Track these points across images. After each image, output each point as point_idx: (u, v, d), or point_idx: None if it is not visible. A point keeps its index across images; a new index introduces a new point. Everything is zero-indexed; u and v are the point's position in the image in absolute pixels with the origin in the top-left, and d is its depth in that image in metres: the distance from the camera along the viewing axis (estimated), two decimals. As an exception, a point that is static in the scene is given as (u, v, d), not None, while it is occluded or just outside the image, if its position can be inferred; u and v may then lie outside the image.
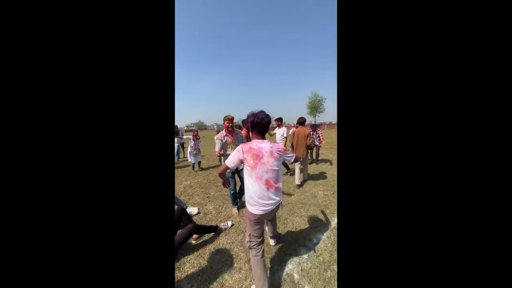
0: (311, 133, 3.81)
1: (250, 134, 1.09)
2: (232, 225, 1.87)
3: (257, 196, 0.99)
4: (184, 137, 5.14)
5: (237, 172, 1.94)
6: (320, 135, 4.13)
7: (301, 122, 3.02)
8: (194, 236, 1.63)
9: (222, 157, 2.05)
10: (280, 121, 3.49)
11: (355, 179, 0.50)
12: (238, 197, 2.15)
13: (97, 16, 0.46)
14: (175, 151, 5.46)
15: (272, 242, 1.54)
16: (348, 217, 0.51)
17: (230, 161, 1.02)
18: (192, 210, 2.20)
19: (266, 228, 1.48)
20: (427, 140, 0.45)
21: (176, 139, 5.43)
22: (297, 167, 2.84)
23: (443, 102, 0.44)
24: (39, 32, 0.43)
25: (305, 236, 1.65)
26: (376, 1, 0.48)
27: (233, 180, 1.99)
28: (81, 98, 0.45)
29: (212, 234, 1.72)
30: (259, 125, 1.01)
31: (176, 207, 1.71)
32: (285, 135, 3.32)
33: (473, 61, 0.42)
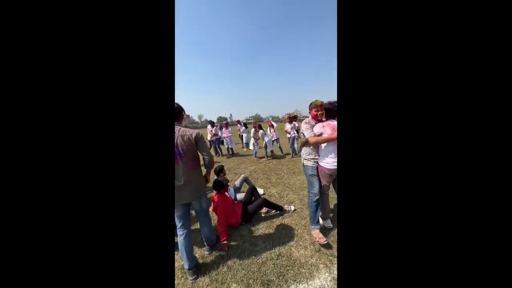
0: None
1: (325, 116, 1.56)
2: (295, 210, 2.02)
3: (333, 155, 1.42)
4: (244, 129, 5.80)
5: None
6: None
7: None
8: (264, 210, 1.96)
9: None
10: None
11: (356, 178, 0.50)
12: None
13: (97, 13, 0.46)
14: (245, 141, 6.32)
15: (328, 224, 1.68)
16: (348, 217, 0.51)
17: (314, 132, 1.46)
18: (259, 190, 2.58)
19: (321, 213, 1.67)
20: (427, 139, 0.45)
21: (244, 131, 6.27)
22: None
23: (443, 101, 0.44)
24: (40, 28, 0.43)
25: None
26: (376, 1, 0.48)
27: (317, 178, 1.49)
28: (81, 96, 0.45)
29: (277, 212, 1.97)
30: (332, 110, 1.48)
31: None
32: None
33: (472, 60, 0.43)
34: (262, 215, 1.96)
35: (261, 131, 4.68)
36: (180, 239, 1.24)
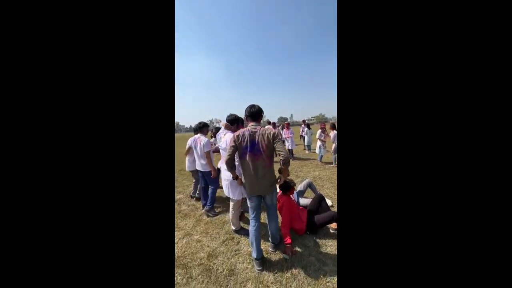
0: None
1: None
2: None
3: None
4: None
5: None
6: None
7: None
8: (333, 225, 1.69)
9: None
10: None
11: (356, 178, 0.52)
12: None
13: (95, 10, 0.46)
14: (307, 143, 6.01)
15: None
16: (348, 217, 0.52)
17: None
18: (327, 201, 2.28)
19: None
20: (427, 140, 0.46)
21: (307, 132, 5.93)
22: None
23: (443, 102, 0.45)
24: (40, 28, 0.43)
25: None
26: (376, 1, 0.50)
27: None
28: (82, 95, 0.45)
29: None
30: None
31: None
32: None
33: (471, 61, 0.44)
34: (331, 230, 1.70)
35: (333, 131, 4.12)
36: (251, 229, 1.34)
